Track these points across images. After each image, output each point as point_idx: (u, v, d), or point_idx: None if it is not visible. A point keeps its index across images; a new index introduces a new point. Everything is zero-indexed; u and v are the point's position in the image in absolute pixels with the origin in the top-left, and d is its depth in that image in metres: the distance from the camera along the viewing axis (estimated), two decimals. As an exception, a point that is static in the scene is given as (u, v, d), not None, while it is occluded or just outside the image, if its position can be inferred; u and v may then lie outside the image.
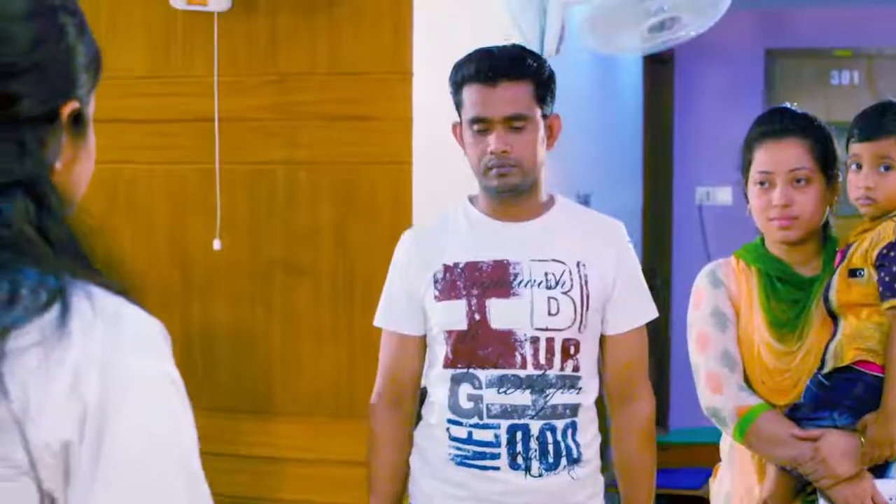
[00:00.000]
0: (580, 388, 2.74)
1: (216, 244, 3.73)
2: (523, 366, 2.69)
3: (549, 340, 2.71)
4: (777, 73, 7.88)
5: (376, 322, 2.88)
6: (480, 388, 2.71)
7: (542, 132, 2.73)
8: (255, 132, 3.75)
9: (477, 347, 2.71)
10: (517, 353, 2.69)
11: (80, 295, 1.15)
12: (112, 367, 1.13)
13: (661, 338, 6.81)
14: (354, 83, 3.66)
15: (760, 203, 2.74)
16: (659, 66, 7.64)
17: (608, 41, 4.49)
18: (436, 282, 2.76)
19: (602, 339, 2.81)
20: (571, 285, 2.73)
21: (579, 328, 2.73)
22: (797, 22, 7.87)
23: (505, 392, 2.69)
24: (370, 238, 3.67)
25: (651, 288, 2.92)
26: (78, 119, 1.27)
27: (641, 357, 2.86)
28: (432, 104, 3.59)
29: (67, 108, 1.25)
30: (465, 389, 2.73)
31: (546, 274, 2.72)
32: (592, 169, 5.93)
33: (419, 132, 3.63)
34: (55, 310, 1.13)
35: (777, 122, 2.77)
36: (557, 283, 2.72)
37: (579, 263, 2.75)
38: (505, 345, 2.70)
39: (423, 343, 2.84)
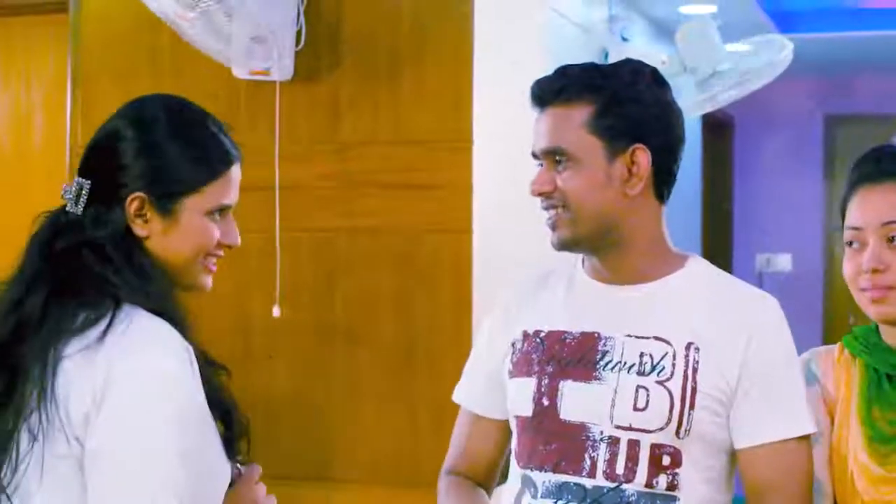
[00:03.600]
0: None
1: (276, 311, 3.75)
2: (591, 473, 2.00)
3: (633, 444, 1.99)
4: (837, 139, 7.85)
5: (454, 396, 2.29)
6: (536, 497, 2.03)
7: (602, 171, 2.03)
8: (316, 200, 3.77)
9: (539, 442, 2.05)
10: (586, 456, 2.01)
11: (122, 317, 1.75)
12: (118, 362, 1.72)
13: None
14: (415, 152, 3.69)
15: (850, 268, 2.05)
16: (718, 131, 7.62)
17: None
18: (513, 352, 2.14)
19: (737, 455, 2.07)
20: (672, 373, 2.00)
21: (678, 432, 1.98)
22: (857, 87, 7.85)
23: None
24: (431, 306, 3.67)
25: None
26: (163, 205, 1.84)
27: (791, 483, 2.02)
28: (493, 172, 3.60)
29: (130, 198, 1.83)
30: (526, 498, 2.06)
31: (641, 355, 2.02)
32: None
33: (480, 200, 3.63)
34: (101, 326, 1.74)
35: (871, 164, 2.08)
36: (653, 369, 2.01)
37: (690, 346, 2.01)
38: (573, 443, 2.02)
39: (508, 429, 2.19)
